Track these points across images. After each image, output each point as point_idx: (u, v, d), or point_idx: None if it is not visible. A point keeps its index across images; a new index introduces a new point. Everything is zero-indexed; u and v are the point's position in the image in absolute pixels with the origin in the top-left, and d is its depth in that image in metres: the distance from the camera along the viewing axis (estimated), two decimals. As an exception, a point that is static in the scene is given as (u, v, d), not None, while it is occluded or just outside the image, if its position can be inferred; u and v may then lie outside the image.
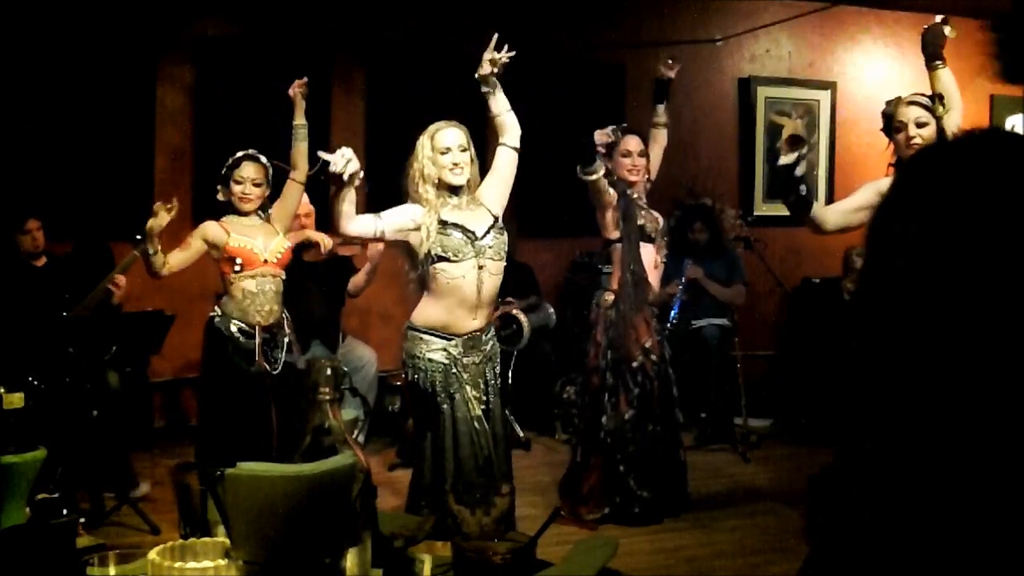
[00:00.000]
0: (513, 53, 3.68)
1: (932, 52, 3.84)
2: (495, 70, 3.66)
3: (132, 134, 6.29)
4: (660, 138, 4.95)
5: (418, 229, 3.59)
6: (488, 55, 3.66)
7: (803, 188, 3.83)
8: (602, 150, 4.42)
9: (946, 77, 3.83)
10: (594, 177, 4.44)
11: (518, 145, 3.76)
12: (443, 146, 3.61)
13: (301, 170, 4.49)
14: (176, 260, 4.38)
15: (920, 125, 3.72)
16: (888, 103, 3.89)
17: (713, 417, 6.29)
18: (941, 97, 3.72)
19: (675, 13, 7.54)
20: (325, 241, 5.12)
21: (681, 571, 4.08)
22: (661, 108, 4.98)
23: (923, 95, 3.81)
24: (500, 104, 3.73)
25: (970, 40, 3.93)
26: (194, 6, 6.38)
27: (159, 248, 4.32)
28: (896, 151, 3.80)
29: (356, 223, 3.57)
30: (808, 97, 8.00)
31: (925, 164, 0.76)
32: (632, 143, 4.74)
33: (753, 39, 7.78)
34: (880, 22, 8.14)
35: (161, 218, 4.31)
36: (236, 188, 4.40)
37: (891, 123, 3.81)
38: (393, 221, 3.61)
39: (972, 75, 3.95)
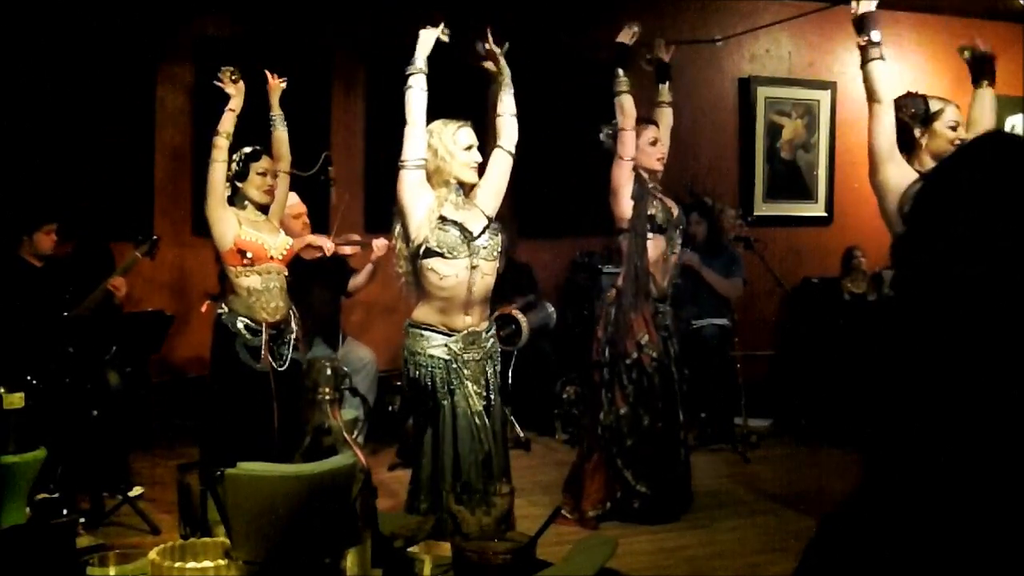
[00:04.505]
0: (507, 45, 3.71)
1: (977, 73, 3.85)
2: (489, 56, 3.70)
3: (132, 134, 6.29)
4: (666, 118, 4.96)
5: (426, 201, 3.57)
6: (487, 49, 3.70)
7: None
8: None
9: (988, 98, 3.82)
10: (625, 85, 4.65)
11: (513, 149, 3.76)
12: (466, 143, 3.64)
13: (285, 160, 4.45)
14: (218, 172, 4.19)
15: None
16: (918, 97, 3.77)
17: (713, 417, 6.30)
18: None
19: (675, 13, 7.54)
20: (327, 245, 5.12)
21: (681, 571, 4.08)
22: (665, 88, 5.00)
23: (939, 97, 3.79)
24: (507, 105, 3.73)
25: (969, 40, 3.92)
26: (194, 6, 6.37)
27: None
28: (929, 144, 3.65)
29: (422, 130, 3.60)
30: (808, 97, 8.00)
31: (982, 159, 0.74)
32: (654, 131, 4.81)
33: (753, 39, 7.78)
34: (880, 22, 8.12)
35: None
36: (261, 180, 4.30)
37: (932, 116, 3.66)
38: (421, 178, 3.59)
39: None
